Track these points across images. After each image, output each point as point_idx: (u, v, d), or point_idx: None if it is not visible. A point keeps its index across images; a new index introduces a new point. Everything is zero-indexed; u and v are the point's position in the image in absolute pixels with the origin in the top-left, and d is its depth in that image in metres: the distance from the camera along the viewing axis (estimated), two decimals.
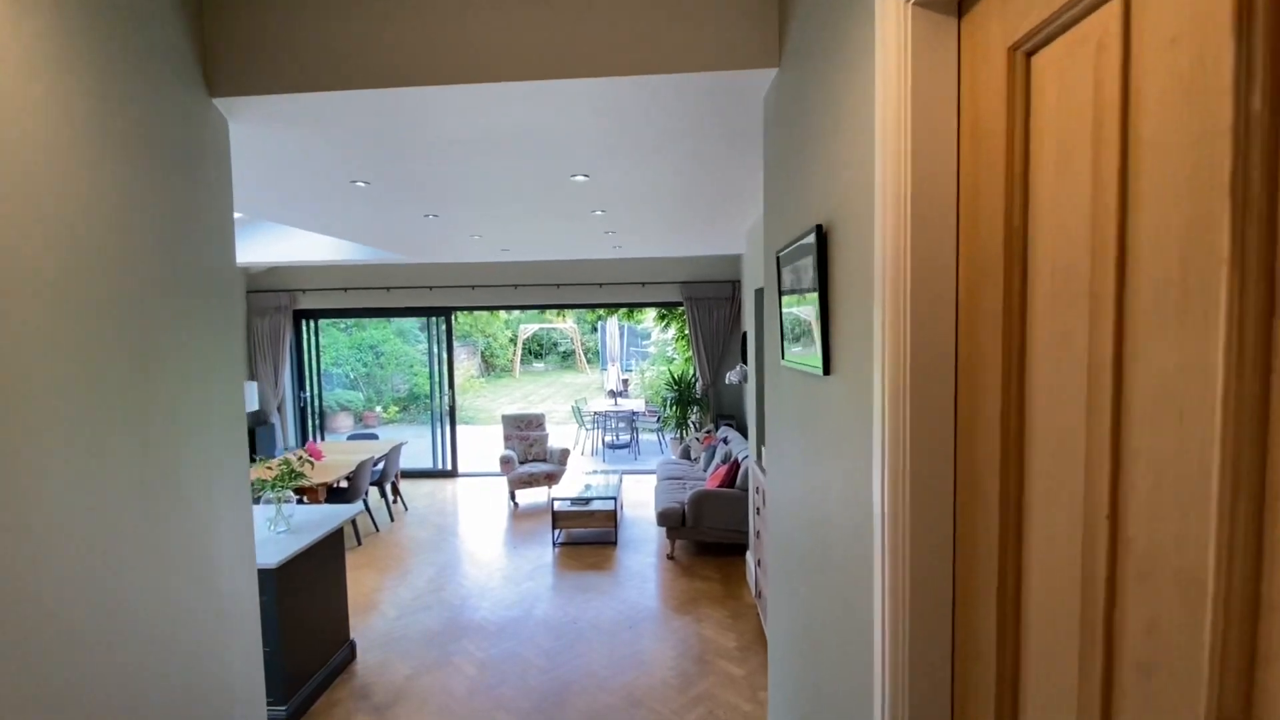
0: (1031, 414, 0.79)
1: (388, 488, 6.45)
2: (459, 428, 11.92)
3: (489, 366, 21.09)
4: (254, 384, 6.81)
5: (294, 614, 3.03)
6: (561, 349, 23.14)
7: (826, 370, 1.21)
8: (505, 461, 6.47)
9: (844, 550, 1.23)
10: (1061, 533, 0.74)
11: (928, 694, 0.93)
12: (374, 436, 6.91)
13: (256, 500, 3.33)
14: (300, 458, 3.30)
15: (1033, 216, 0.77)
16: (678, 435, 7.47)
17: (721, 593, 4.35)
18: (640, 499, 6.62)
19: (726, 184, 3.02)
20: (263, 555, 2.93)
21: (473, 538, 5.59)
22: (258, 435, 6.97)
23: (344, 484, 5.43)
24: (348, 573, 4.80)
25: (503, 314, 21.16)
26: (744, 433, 6.68)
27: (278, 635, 2.90)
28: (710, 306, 7.14)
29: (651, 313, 10.66)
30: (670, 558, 4.96)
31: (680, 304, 7.41)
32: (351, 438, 6.95)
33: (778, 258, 1.57)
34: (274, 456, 6.04)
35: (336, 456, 5.86)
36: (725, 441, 6.00)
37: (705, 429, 6.68)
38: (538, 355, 23.22)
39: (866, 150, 1.02)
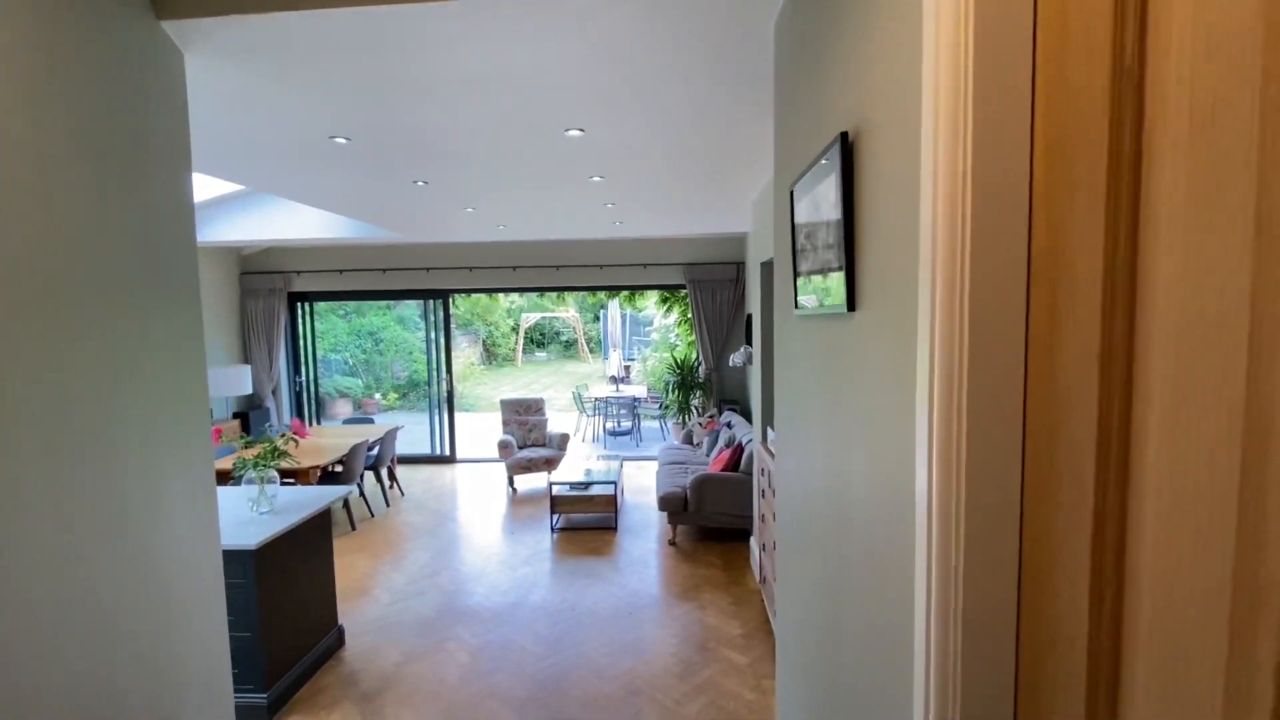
0: (1148, 323, 0.62)
1: (383, 473, 6.31)
2: (459, 415, 11.82)
3: (491, 355, 20.98)
4: (247, 368, 6.67)
5: (275, 598, 2.89)
6: (564, 338, 22.99)
7: (851, 305, 1.04)
8: (503, 446, 6.32)
9: (872, 520, 1.06)
10: (1201, 499, 0.57)
11: (985, 690, 0.77)
12: (370, 422, 6.77)
13: (238, 480, 3.19)
14: (284, 436, 3.15)
15: (1156, 33, 0.59)
16: (680, 421, 7.31)
17: (724, 579, 4.20)
18: (642, 485, 6.47)
19: (731, 143, 2.83)
20: (242, 536, 2.78)
21: (470, 523, 5.45)
22: (251, 419, 6.83)
23: (338, 468, 5.29)
24: (341, 558, 4.67)
25: (504, 301, 21.03)
26: (748, 417, 6.51)
27: (257, 620, 2.76)
28: (714, 289, 6.95)
29: (654, 297, 10.48)
30: (672, 543, 4.82)
31: (683, 286, 7.22)
32: (347, 422, 6.81)
33: (791, 193, 1.39)
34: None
35: (331, 440, 5.73)
36: (729, 426, 5.83)
37: (708, 414, 6.52)
38: (540, 344, 23.08)
39: (911, 33, 0.84)
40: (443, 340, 7.58)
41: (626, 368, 11.30)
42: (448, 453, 7.66)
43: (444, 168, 3.17)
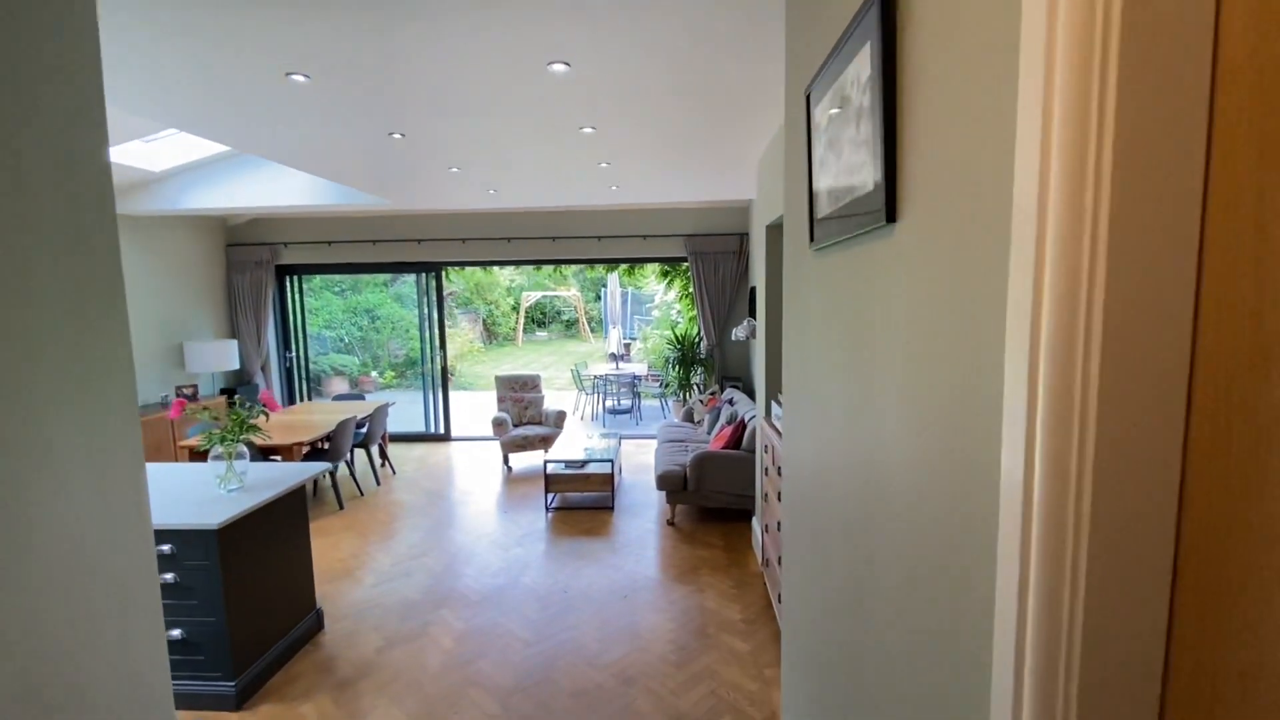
0: None
1: (374, 450, 6.13)
2: (458, 394, 11.65)
3: (491, 335, 20.78)
4: (233, 342, 6.45)
5: (244, 580, 2.70)
6: (565, 317, 22.77)
7: (890, 214, 0.80)
8: (498, 424, 6.12)
9: (921, 500, 0.83)
10: None
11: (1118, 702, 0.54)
12: (361, 399, 6.56)
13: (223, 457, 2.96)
14: (250, 407, 2.94)
15: None
16: (680, 398, 7.09)
17: (725, 561, 4.00)
18: (641, 464, 6.28)
19: (734, 79, 2.56)
20: (204, 515, 2.58)
21: (462, 502, 5.26)
22: (239, 395, 6.62)
23: (325, 445, 5.10)
24: (326, 537, 4.50)
25: (504, 280, 20.77)
26: (750, 394, 6.28)
27: (222, 604, 2.57)
28: (716, 261, 6.68)
29: (654, 271, 10.19)
30: (670, 524, 4.62)
31: (684, 259, 6.95)
32: (338, 399, 6.61)
33: (806, 97, 1.14)
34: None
35: (319, 416, 5.53)
36: (731, 403, 5.61)
37: (709, 390, 6.30)
38: (541, 324, 22.88)
39: None
40: (435, 315, 7.34)
41: (626, 345, 11.05)
42: (442, 431, 7.47)
43: (420, 117, 2.90)
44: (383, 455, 6.21)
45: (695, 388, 6.93)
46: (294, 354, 7.53)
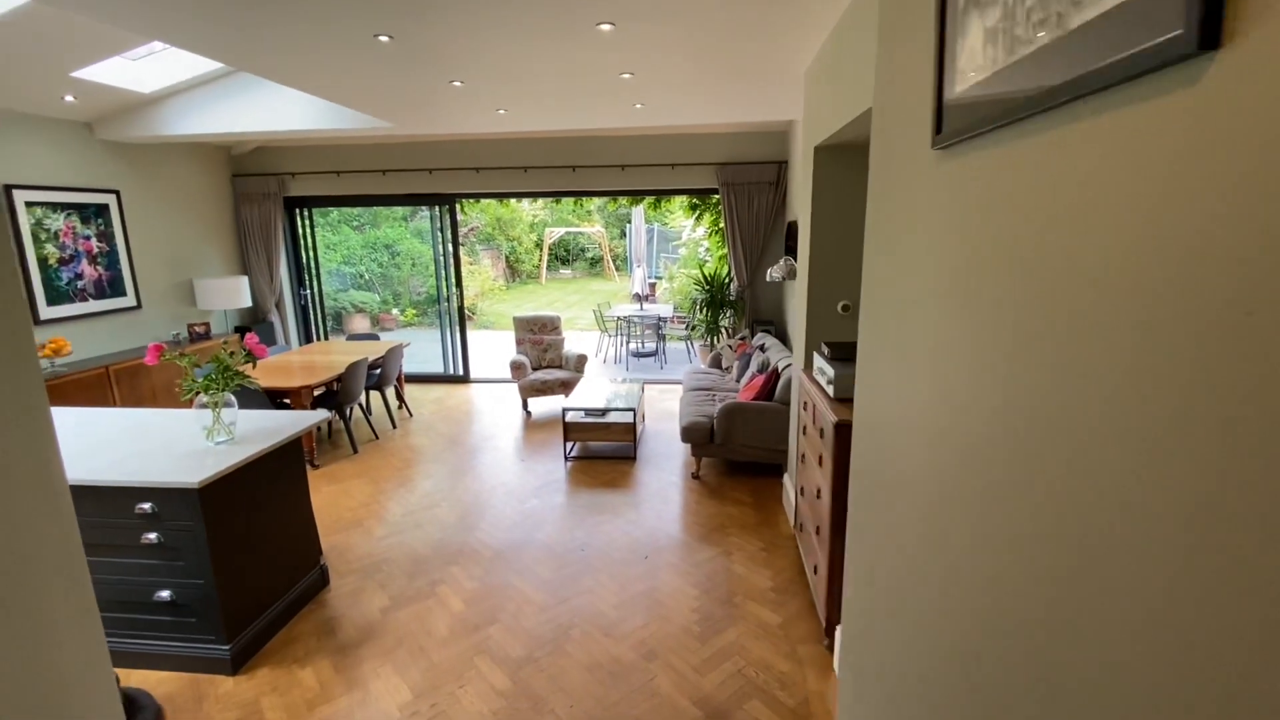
0: None
1: (389, 392, 5.95)
2: (479, 333, 11.44)
3: (514, 272, 20.44)
4: (243, 279, 6.21)
5: (234, 539, 2.50)
6: (589, 255, 22.26)
7: (1209, 35, 0.40)
8: (516, 367, 5.85)
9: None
10: None
11: None
12: (375, 339, 6.33)
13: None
14: (232, 353, 2.67)
15: None
16: (708, 342, 6.70)
17: (754, 519, 3.73)
18: (666, 411, 5.99)
19: None
20: (186, 472, 2.35)
21: (479, 448, 5.07)
22: (255, 333, 6.45)
23: (335, 387, 4.90)
24: (337, 484, 4.36)
25: (527, 215, 20.19)
26: (784, 340, 5.87)
27: (209, 566, 2.38)
28: (750, 193, 6.12)
29: (681, 205, 9.59)
30: (695, 477, 4.36)
31: (715, 191, 6.39)
32: (352, 338, 6.39)
33: None
34: (278, 352, 5.54)
35: (332, 357, 5.32)
36: (762, 349, 5.22)
37: (739, 335, 5.89)
38: (565, 261, 22.42)
39: None
40: (450, 250, 6.98)
41: (651, 285, 10.59)
42: (461, 372, 7.26)
43: (407, 11, 2.44)
44: (399, 397, 6.03)
45: (724, 331, 6.52)
46: (308, 291, 7.30)
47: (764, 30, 2.75)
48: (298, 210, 7.02)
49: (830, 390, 2.61)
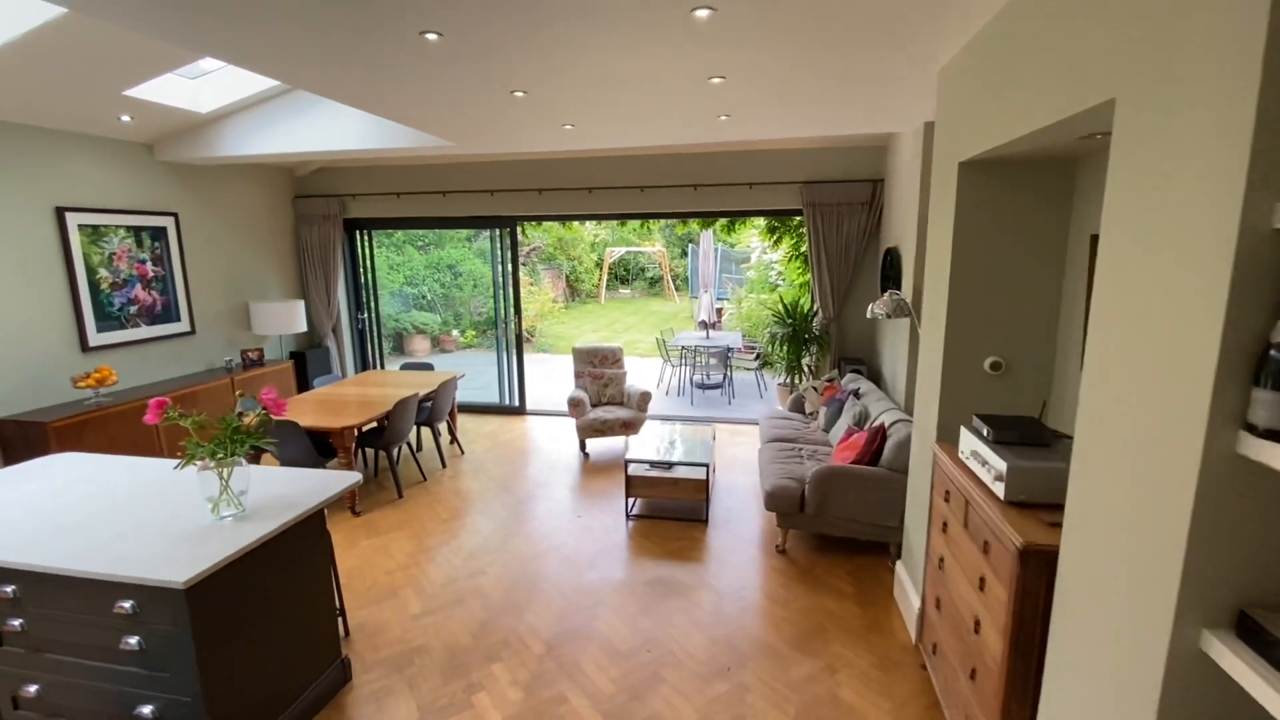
0: None
1: (441, 428, 5.55)
2: (537, 356, 11.09)
3: (574, 291, 20.28)
4: (300, 303, 6.01)
5: (231, 644, 2.04)
6: (649, 274, 21.91)
7: None
8: (574, 404, 5.34)
9: None
10: None
11: None
12: (429, 368, 5.99)
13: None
14: (240, 413, 2.23)
15: None
16: (786, 381, 6.00)
17: (860, 620, 3.02)
18: (739, 459, 5.33)
19: None
20: (174, 563, 1.91)
21: (532, 496, 4.56)
22: (309, 360, 6.25)
23: (384, 423, 4.51)
24: (377, 537, 3.92)
25: (588, 233, 20.03)
26: (878, 382, 5.12)
27: (195, 680, 1.91)
28: (840, 215, 5.43)
29: (756, 227, 8.94)
30: (781, 551, 3.68)
31: (797, 212, 5.74)
32: (405, 367, 6.07)
33: None
34: (330, 381, 5.26)
35: (383, 390, 4.96)
36: (857, 395, 4.50)
37: (826, 377, 5.18)
38: (624, 281, 22.15)
39: None
40: (510, 272, 6.60)
41: (719, 311, 9.95)
42: (517, 403, 6.83)
43: (458, 5, 1.97)
44: (450, 432, 5.62)
45: (806, 370, 5.81)
46: (366, 315, 7.08)
47: (898, 15, 2.14)
48: (358, 232, 6.83)
49: (999, 489, 1.92)
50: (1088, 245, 2.22)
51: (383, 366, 7.26)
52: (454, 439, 5.60)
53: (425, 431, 5.81)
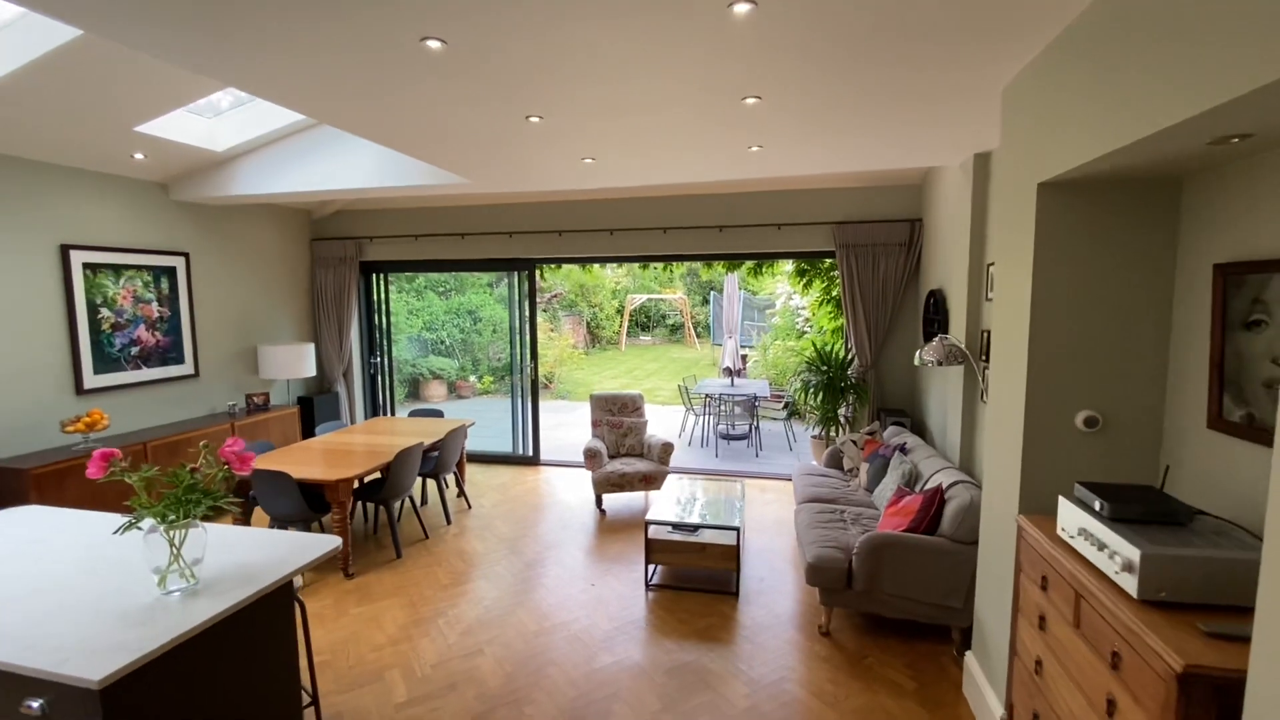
0: None
1: (448, 479, 5.19)
2: (555, 404, 10.78)
3: (594, 338, 20.16)
4: (310, 346, 5.80)
5: None
6: (670, 321, 21.78)
7: None
8: (590, 455, 4.96)
9: None
10: None
11: None
12: (438, 414, 5.69)
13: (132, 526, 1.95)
14: (195, 468, 1.92)
15: None
16: (822, 434, 5.56)
17: None
18: (767, 516, 4.86)
19: None
20: (94, 654, 1.55)
21: (541, 560, 4.14)
22: (316, 405, 6.00)
23: (383, 476, 4.17)
24: (370, 604, 3.51)
25: (609, 280, 20.03)
26: (922, 435, 4.67)
27: None
28: (876, 256, 5.11)
29: (783, 272, 8.66)
30: (825, 634, 3.18)
31: (828, 254, 5.44)
32: (414, 413, 5.78)
33: None
34: (333, 428, 4.98)
35: (390, 439, 4.65)
36: (903, 451, 4.06)
37: (866, 429, 4.75)
38: (645, 328, 22.02)
39: None
40: (527, 317, 6.35)
41: (744, 358, 9.59)
42: (530, 453, 6.47)
43: (467, 13, 1.73)
44: (458, 484, 5.25)
45: (843, 420, 5.38)
46: (379, 360, 6.86)
47: (958, 26, 1.85)
48: (374, 275, 6.69)
49: (1128, 583, 1.49)
50: (1210, 276, 1.84)
51: (393, 413, 6.98)
52: (461, 492, 5.23)
53: (433, 483, 5.45)
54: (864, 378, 5.20)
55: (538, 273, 6.29)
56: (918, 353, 3.63)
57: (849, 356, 5.33)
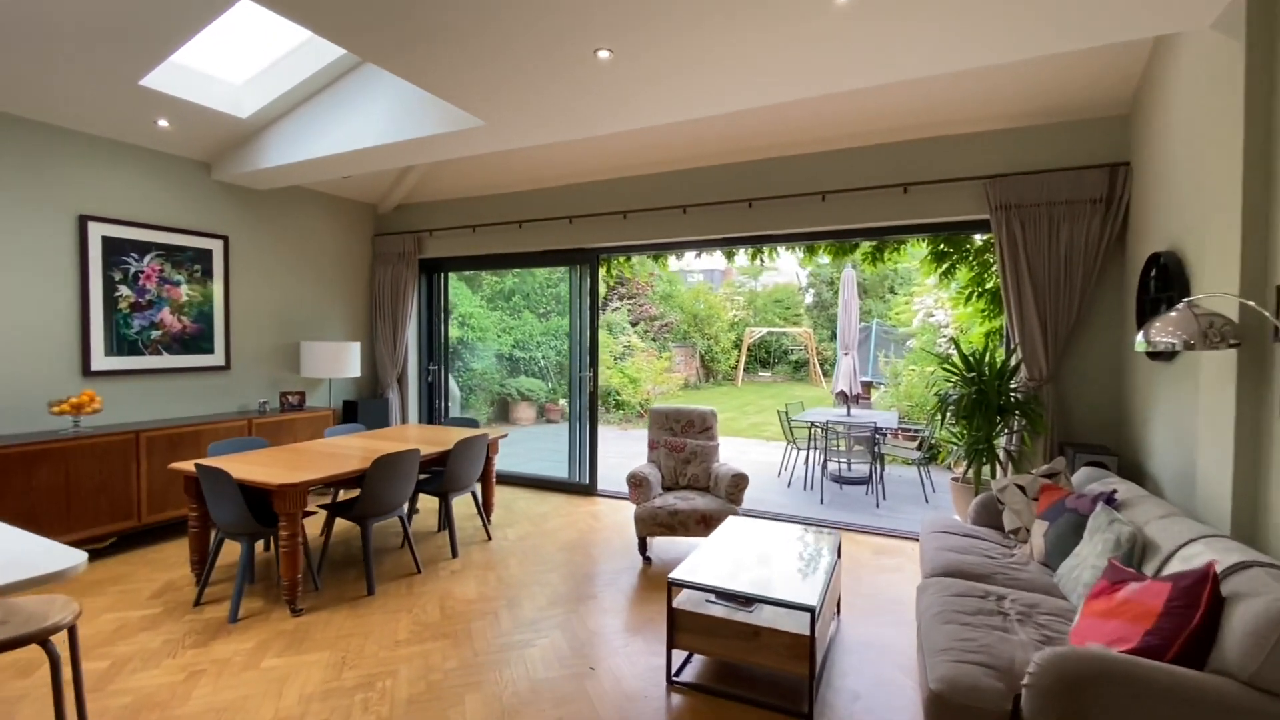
0: None
1: (464, 499, 4.26)
2: (641, 432, 9.69)
3: (709, 372, 18.96)
4: (355, 345, 5.29)
5: None
6: (794, 357, 19.99)
7: None
8: (635, 484, 3.79)
9: None
10: None
11: None
12: (473, 423, 4.85)
13: None
14: None
15: None
16: (967, 471, 3.90)
17: None
18: (883, 592, 3.33)
19: None
20: None
21: (543, 619, 3.00)
22: (361, 410, 5.46)
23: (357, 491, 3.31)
24: (287, 657, 2.43)
25: (726, 312, 18.85)
26: (1142, 483, 2.95)
27: None
28: (1054, 220, 3.52)
29: (915, 253, 6.97)
30: None
31: (982, 224, 3.90)
32: (449, 422, 5.00)
33: None
34: (347, 432, 4.33)
35: (389, 445, 3.79)
36: (1111, 503, 2.44)
37: (1042, 470, 3.08)
38: (765, 364, 20.42)
39: None
40: (589, 319, 5.40)
41: (865, 384, 7.87)
42: (585, 481, 5.41)
43: None
44: (479, 508, 4.30)
45: (1002, 454, 3.71)
46: (438, 368, 6.27)
47: None
48: (436, 275, 6.16)
49: None
50: None
51: (440, 421, 6.31)
52: (484, 518, 4.27)
53: (446, 506, 4.57)
54: (1037, 394, 3.54)
55: (609, 270, 5.35)
56: (1149, 330, 2.09)
57: (1013, 364, 3.68)
